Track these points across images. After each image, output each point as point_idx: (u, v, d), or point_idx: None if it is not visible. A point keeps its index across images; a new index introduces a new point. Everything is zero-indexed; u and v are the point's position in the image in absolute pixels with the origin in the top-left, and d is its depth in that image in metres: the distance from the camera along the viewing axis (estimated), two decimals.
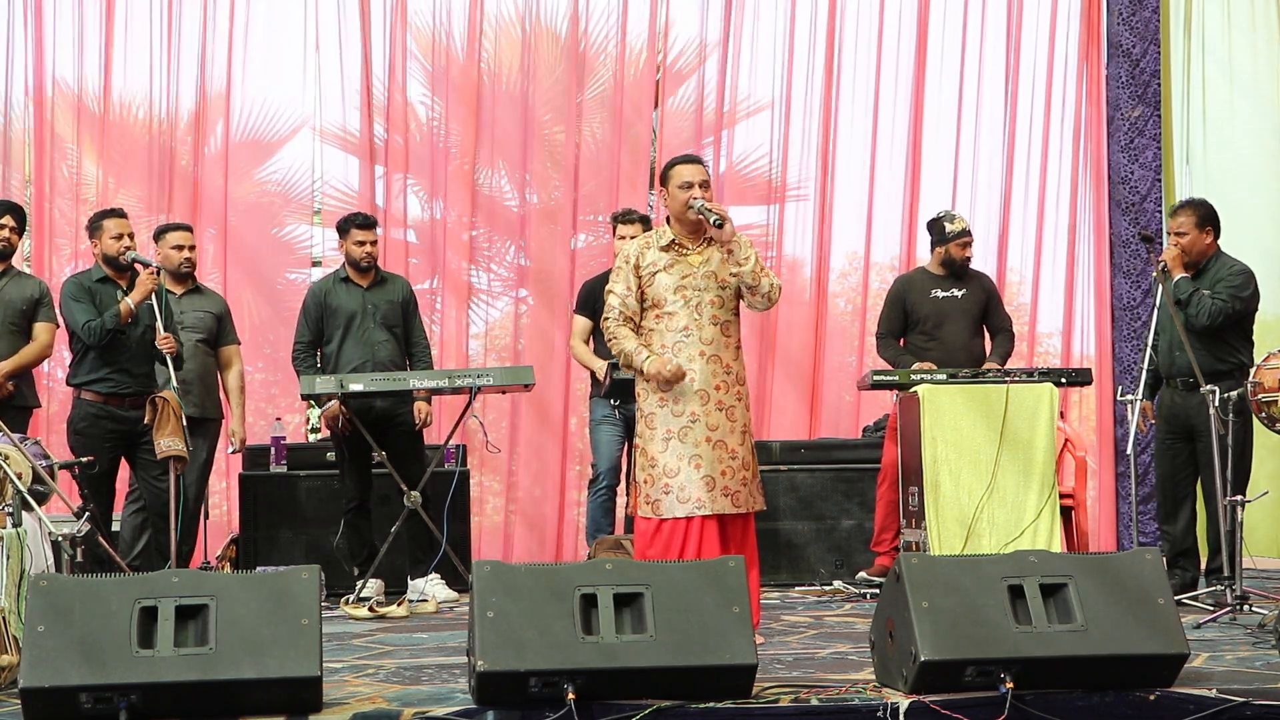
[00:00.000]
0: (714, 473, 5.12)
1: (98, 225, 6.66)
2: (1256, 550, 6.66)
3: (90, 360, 6.55)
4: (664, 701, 3.73)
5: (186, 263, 7.06)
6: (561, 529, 8.63)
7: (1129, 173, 8.93)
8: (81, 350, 6.57)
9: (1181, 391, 6.53)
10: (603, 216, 8.70)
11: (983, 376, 6.68)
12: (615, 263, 5.40)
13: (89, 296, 6.53)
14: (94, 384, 6.55)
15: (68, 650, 3.61)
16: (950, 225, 7.37)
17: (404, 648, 5.28)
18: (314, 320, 7.08)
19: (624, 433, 7.20)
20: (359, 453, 6.87)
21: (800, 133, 8.98)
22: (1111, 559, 4.12)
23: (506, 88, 8.87)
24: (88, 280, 6.62)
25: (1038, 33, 9.14)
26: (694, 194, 5.18)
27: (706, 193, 5.22)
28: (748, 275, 5.18)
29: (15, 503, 4.63)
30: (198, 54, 8.58)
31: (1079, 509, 7.06)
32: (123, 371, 6.55)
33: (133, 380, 6.55)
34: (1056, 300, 9.04)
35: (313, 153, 8.79)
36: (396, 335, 7.10)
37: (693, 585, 3.91)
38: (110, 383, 6.54)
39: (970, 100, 9.08)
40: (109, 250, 6.57)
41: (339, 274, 7.17)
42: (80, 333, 6.51)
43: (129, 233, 6.63)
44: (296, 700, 3.69)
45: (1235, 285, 6.47)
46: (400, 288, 7.21)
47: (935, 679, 3.82)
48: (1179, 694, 3.85)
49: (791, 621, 6.00)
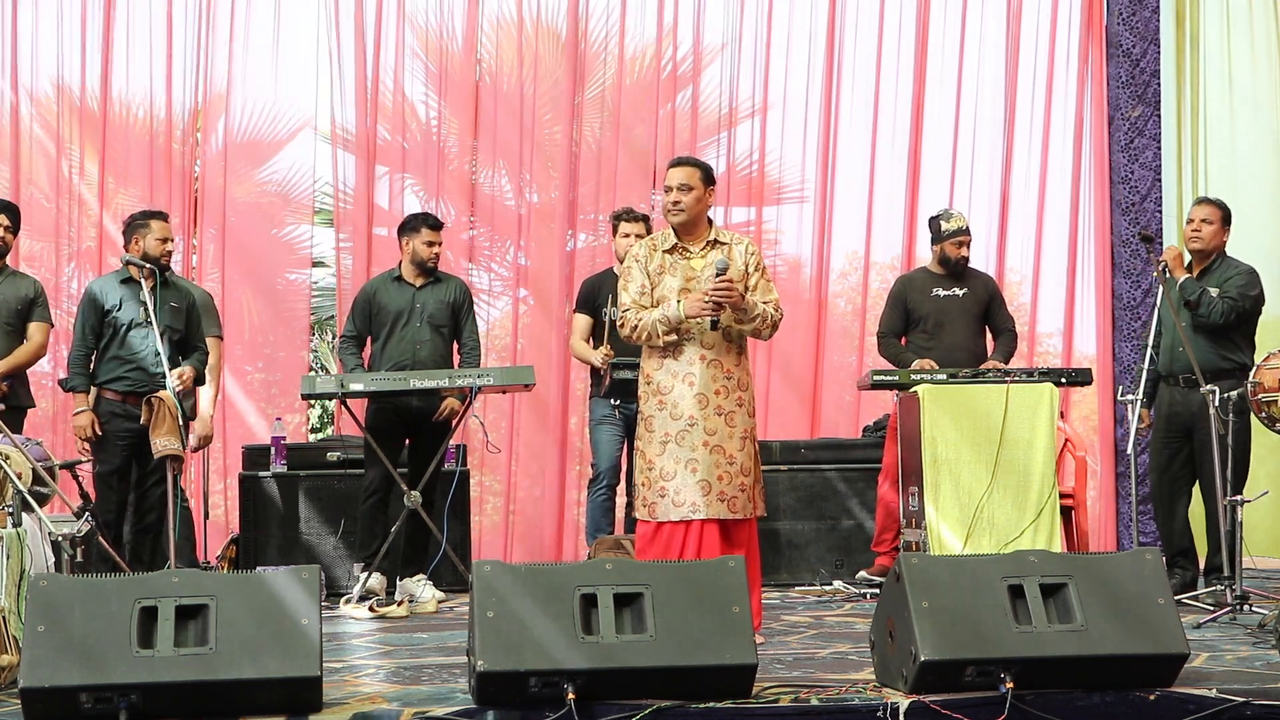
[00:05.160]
0: (710, 477, 5.11)
1: (143, 224, 6.70)
2: (1256, 550, 6.66)
3: (109, 360, 6.62)
4: (664, 701, 3.73)
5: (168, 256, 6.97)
6: (561, 529, 8.62)
7: (1129, 173, 8.93)
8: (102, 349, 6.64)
9: (1182, 389, 6.55)
10: (602, 216, 8.70)
11: (983, 376, 6.68)
12: (625, 263, 5.40)
13: (96, 315, 6.60)
14: (113, 383, 6.62)
15: (68, 650, 3.61)
16: (946, 224, 7.36)
17: (404, 648, 5.28)
18: (361, 317, 7.09)
19: (624, 433, 7.19)
20: (387, 446, 6.84)
21: (801, 133, 8.98)
22: (1111, 559, 4.12)
23: (506, 87, 8.87)
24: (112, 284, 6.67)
25: (1038, 33, 9.14)
26: (670, 198, 5.21)
27: (686, 195, 5.20)
28: (749, 333, 5.25)
29: (15, 503, 4.63)
30: (198, 54, 8.58)
31: (1079, 509, 7.06)
32: (139, 370, 6.60)
33: (149, 379, 6.58)
34: (1056, 300, 9.04)
35: (313, 152, 8.79)
36: (444, 335, 7.06)
37: (693, 585, 3.91)
38: (127, 381, 6.59)
39: (970, 100, 9.08)
40: (151, 251, 6.63)
41: (392, 273, 7.15)
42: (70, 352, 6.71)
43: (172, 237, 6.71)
44: (296, 700, 3.69)
45: (1244, 284, 6.52)
46: (454, 288, 7.16)
47: (935, 679, 3.82)
48: (1179, 694, 3.85)
49: (791, 621, 6.00)
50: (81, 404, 6.63)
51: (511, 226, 8.90)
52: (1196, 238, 6.64)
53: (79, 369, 6.65)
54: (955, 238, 7.33)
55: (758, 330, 5.25)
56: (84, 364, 6.66)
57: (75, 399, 6.67)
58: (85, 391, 6.65)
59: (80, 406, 6.62)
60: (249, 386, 8.88)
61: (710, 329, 5.14)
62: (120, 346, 6.62)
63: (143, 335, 6.58)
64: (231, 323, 8.44)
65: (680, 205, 5.21)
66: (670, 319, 5.12)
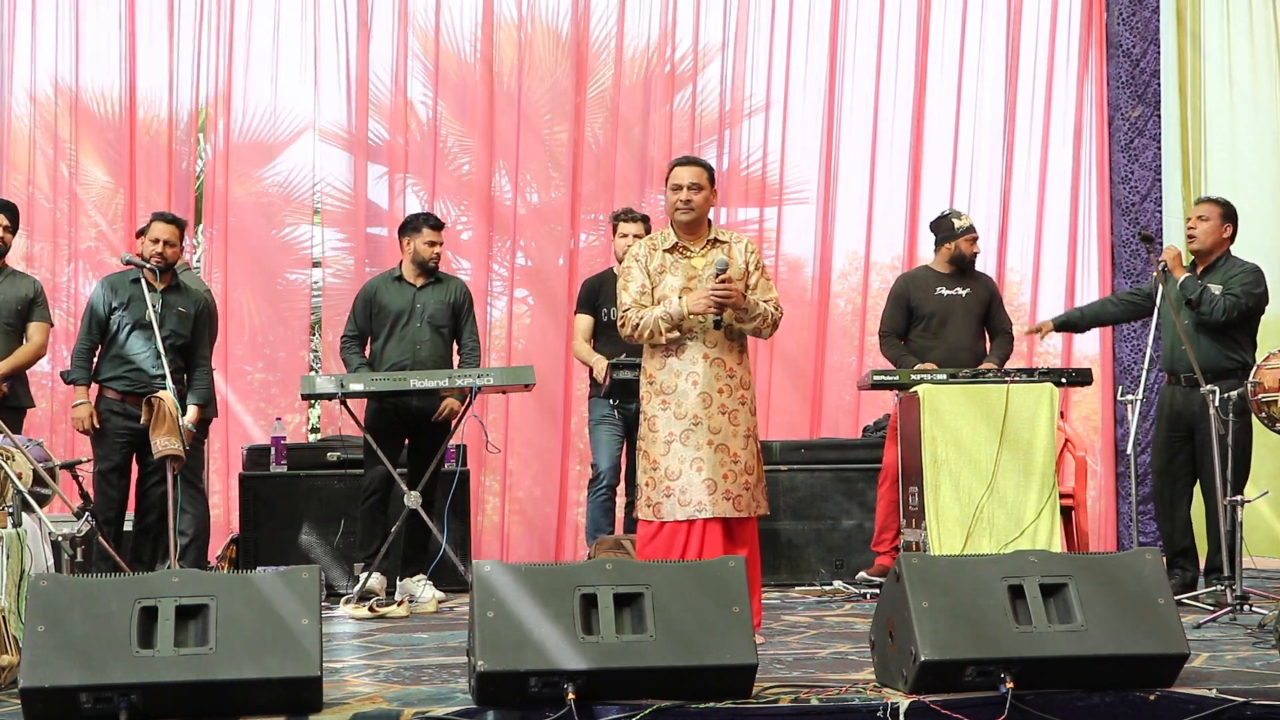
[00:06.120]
0: (715, 476, 5.11)
1: (147, 225, 6.82)
2: (1256, 550, 6.67)
3: (111, 359, 6.68)
4: (664, 701, 3.72)
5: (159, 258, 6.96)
6: (561, 529, 8.63)
7: (1129, 173, 8.94)
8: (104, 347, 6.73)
9: (1184, 388, 6.54)
10: (603, 216, 8.70)
11: (983, 376, 6.68)
12: (624, 263, 5.39)
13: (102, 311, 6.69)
14: (113, 381, 6.67)
15: (68, 650, 3.61)
16: (959, 222, 7.37)
17: (404, 648, 5.27)
18: (362, 317, 7.10)
19: (624, 433, 7.19)
20: (387, 446, 6.84)
21: (801, 133, 8.99)
22: (1111, 559, 4.12)
23: (507, 87, 8.87)
24: (121, 282, 6.75)
25: (1038, 33, 9.15)
26: (680, 196, 5.20)
27: (697, 194, 5.21)
28: (750, 332, 5.25)
29: (15, 503, 4.63)
30: (199, 54, 8.57)
31: (1079, 509, 7.06)
32: (140, 371, 6.63)
33: (150, 380, 6.61)
34: (1056, 300, 9.04)
35: (313, 153, 8.79)
36: (444, 335, 7.07)
37: (693, 585, 3.91)
38: (127, 380, 6.63)
39: (970, 100, 9.08)
40: (144, 251, 6.73)
41: (393, 272, 7.16)
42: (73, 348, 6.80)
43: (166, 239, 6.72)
44: (296, 700, 3.69)
45: (1248, 282, 6.53)
46: (455, 288, 7.16)
47: (935, 679, 3.82)
48: (1179, 694, 3.85)
49: (791, 621, 6.00)
50: (81, 397, 6.67)
51: (511, 226, 8.90)
52: (1192, 236, 6.66)
53: (81, 362, 6.71)
54: (969, 234, 7.35)
55: (758, 329, 5.25)
56: (86, 358, 6.72)
57: (75, 391, 6.71)
58: (85, 385, 6.70)
59: (80, 399, 6.66)
60: (249, 386, 8.88)
61: (713, 328, 5.14)
62: (121, 346, 6.66)
63: (144, 337, 6.60)
64: (232, 323, 8.45)
65: (691, 204, 5.22)
66: (672, 315, 5.12)
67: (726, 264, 5.15)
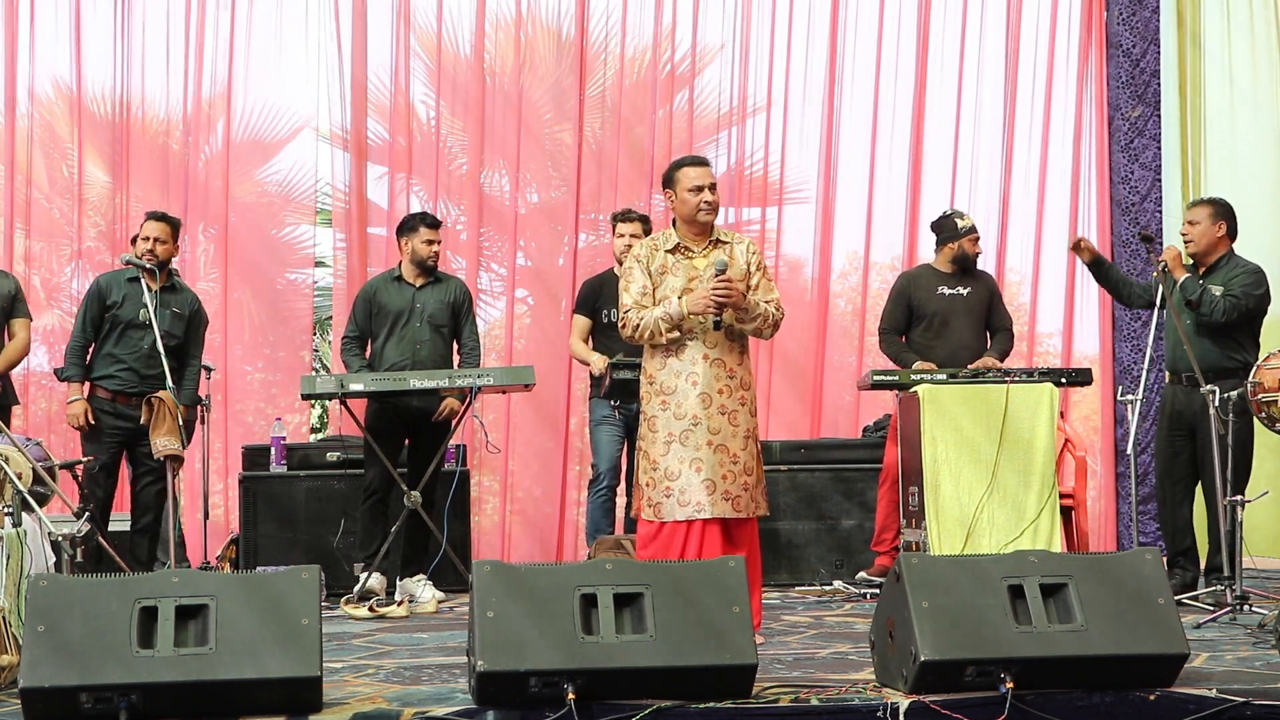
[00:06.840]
0: (715, 476, 5.11)
1: (143, 224, 6.86)
2: (1256, 550, 6.66)
3: (103, 357, 6.70)
4: (664, 701, 3.72)
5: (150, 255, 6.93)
6: (561, 529, 8.63)
7: (1129, 173, 8.93)
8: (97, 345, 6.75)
9: (1186, 388, 6.54)
10: (603, 216, 8.70)
11: (983, 376, 6.68)
12: (625, 264, 5.39)
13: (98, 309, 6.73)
14: (104, 380, 6.69)
15: (68, 650, 3.61)
16: (961, 222, 7.38)
17: (404, 648, 5.27)
18: (362, 317, 7.09)
19: (624, 433, 7.20)
20: (387, 446, 6.84)
21: (801, 133, 8.99)
22: (1111, 559, 4.12)
23: (507, 87, 8.87)
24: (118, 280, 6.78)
25: (1038, 33, 9.14)
26: (704, 197, 5.20)
27: (715, 195, 5.24)
28: (750, 332, 5.25)
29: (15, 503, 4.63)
30: (199, 54, 8.57)
31: (1079, 509, 7.06)
32: (131, 371, 6.64)
33: (140, 381, 6.62)
34: (1056, 300, 9.04)
35: (314, 153, 8.79)
36: (444, 335, 7.07)
37: (693, 585, 3.91)
38: (118, 380, 6.64)
39: (970, 100, 9.08)
40: (137, 249, 6.81)
41: (392, 272, 7.16)
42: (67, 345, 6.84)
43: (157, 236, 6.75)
44: (296, 700, 3.69)
45: (1248, 283, 6.53)
46: (454, 288, 7.16)
47: (935, 679, 3.82)
48: (1179, 694, 3.85)
49: (791, 621, 6.00)
50: (75, 393, 6.68)
51: (511, 226, 8.90)
52: (1188, 241, 6.68)
53: (75, 359, 6.72)
54: (972, 234, 7.35)
55: (759, 330, 5.25)
56: (80, 355, 6.73)
57: (70, 388, 6.71)
58: (79, 381, 6.70)
59: (74, 395, 6.67)
60: (249, 386, 8.88)
61: (714, 329, 5.14)
62: (115, 344, 6.67)
63: (139, 336, 6.60)
64: (232, 323, 8.45)
65: (716, 205, 5.24)
66: (672, 315, 5.12)
67: (726, 264, 5.15)
